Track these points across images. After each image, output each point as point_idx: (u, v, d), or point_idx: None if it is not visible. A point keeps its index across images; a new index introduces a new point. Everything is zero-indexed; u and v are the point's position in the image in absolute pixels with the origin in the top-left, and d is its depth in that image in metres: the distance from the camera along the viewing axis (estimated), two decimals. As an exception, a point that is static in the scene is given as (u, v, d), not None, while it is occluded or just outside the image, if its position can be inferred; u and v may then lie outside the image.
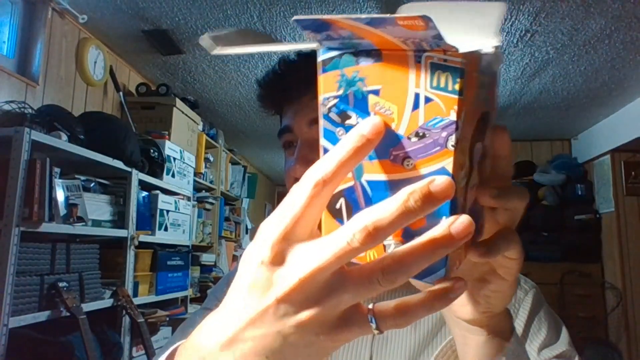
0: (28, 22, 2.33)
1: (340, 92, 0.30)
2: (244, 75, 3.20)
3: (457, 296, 0.29)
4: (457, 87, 0.27)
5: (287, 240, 0.28)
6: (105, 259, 2.14)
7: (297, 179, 0.66)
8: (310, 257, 0.27)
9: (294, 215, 0.28)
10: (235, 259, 4.37)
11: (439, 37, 0.25)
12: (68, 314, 1.77)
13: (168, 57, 2.93)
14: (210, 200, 3.79)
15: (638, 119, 3.62)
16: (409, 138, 0.28)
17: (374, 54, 0.29)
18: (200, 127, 3.52)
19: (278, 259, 0.28)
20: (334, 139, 0.30)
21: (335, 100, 0.30)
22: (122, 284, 2.25)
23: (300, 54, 0.69)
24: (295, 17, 0.27)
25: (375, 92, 0.29)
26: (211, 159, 3.91)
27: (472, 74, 0.28)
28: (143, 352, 2.26)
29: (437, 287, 0.29)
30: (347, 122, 0.30)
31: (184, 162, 2.95)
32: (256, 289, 0.29)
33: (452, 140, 0.27)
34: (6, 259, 1.59)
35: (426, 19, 0.24)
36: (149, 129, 2.83)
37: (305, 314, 0.28)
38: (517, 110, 3.90)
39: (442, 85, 0.27)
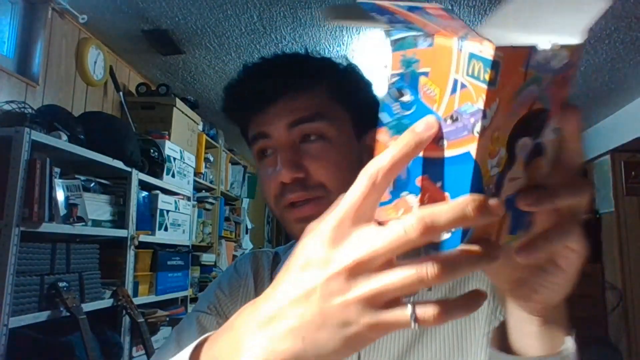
0: (28, 22, 2.32)
1: (401, 70, 0.32)
2: (244, 75, 3.20)
3: (482, 303, 0.31)
4: (486, 77, 0.28)
5: (346, 225, 0.31)
6: (105, 259, 2.14)
7: (282, 185, 0.66)
8: (368, 242, 0.29)
9: (353, 203, 0.30)
10: (236, 258, 4.36)
11: (467, 27, 0.28)
12: (68, 314, 1.77)
13: (168, 57, 2.93)
14: (210, 200, 3.79)
15: (638, 119, 3.62)
16: (445, 120, 0.30)
17: (429, 38, 0.31)
18: (200, 127, 3.52)
19: (337, 241, 0.30)
20: (390, 112, 0.33)
21: (397, 78, 0.33)
22: (122, 284, 2.25)
23: (264, 59, 0.69)
24: (359, 0, 0.30)
25: (426, 74, 0.31)
26: (211, 159, 3.91)
27: (514, 68, 0.29)
28: (143, 352, 2.26)
29: (470, 292, 0.31)
30: (402, 98, 0.32)
31: (184, 162, 2.95)
32: (310, 267, 0.31)
33: (477, 127, 0.29)
34: (6, 259, 1.59)
35: (447, 11, 0.26)
36: (149, 129, 2.83)
37: (352, 295, 0.29)
38: (517, 110, 3.90)
39: (476, 74, 0.29)
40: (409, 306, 0.30)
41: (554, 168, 0.34)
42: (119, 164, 2.22)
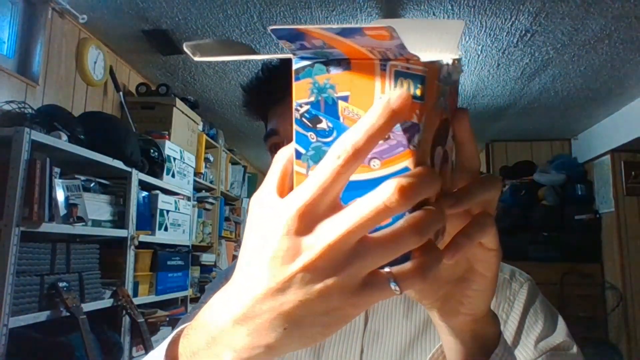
0: (28, 22, 2.33)
1: (312, 98, 0.31)
2: (244, 75, 3.20)
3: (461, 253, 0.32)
4: (418, 92, 0.29)
5: (314, 211, 0.29)
6: (105, 259, 2.14)
7: None
8: (337, 226, 0.28)
9: (321, 187, 0.28)
10: (235, 258, 4.36)
11: (402, 46, 0.27)
12: (68, 314, 1.77)
13: (168, 57, 2.93)
14: (210, 200, 3.79)
15: (638, 119, 3.62)
16: None
17: (344, 62, 0.30)
18: (200, 127, 3.52)
19: (305, 229, 0.29)
20: (306, 143, 0.32)
21: (307, 107, 0.32)
22: (122, 284, 2.25)
23: (282, 59, 0.70)
24: (270, 27, 0.29)
25: (345, 99, 0.30)
26: (211, 159, 3.91)
27: (432, 82, 0.29)
28: (143, 352, 2.26)
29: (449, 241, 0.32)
30: (319, 126, 0.32)
31: (184, 162, 2.95)
32: (279, 259, 0.29)
33: (414, 140, 0.29)
34: (6, 259, 1.59)
35: (390, 30, 0.26)
36: (149, 129, 2.83)
37: (330, 281, 0.28)
38: (517, 110, 3.90)
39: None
40: (387, 275, 0.29)
41: (459, 171, 0.35)
42: (119, 164, 2.22)
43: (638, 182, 4.01)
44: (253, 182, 5.09)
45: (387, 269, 0.29)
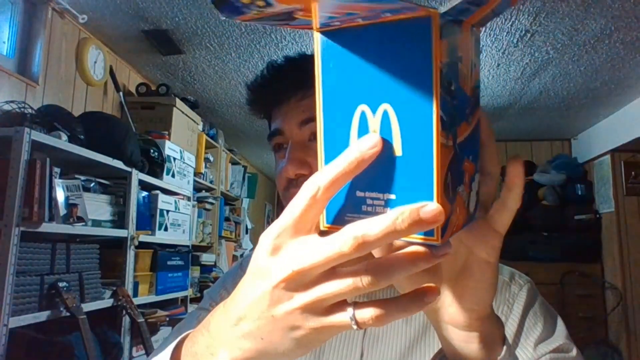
0: (28, 22, 2.33)
1: (448, 59, 0.31)
2: (244, 75, 3.20)
3: (432, 300, 0.31)
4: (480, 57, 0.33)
5: (286, 236, 0.32)
6: (105, 259, 2.14)
7: (289, 179, 0.68)
8: (305, 254, 0.31)
9: (293, 216, 0.32)
10: (235, 258, 4.37)
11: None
12: (68, 314, 1.77)
13: (168, 57, 2.93)
14: (210, 200, 3.79)
15: (638, 119, 3.62)
16: (469, 96, 0.33)
17: (459, 24, 0.31)
18: (200, 127, 3.52)
19: (276, 251, 0.32)
20: (446, 108, 0.30)
21: (446, 69, 0.31)
22: (122, 284, 2.25)
23: (287, 58, 0.70)
24: None
25: (461, 61, 0.32)
26: (211, 159, 3.91)
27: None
28: (143, 352, 2.26)
29: (412, 290, 0.32)
30: (451, 89, 0.31)
31: (184, 162, 2.95)
32: (257, 275, 0.33)
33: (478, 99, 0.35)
34: (6, 259, 1.59)
35: None
36: (149, 129, 2.83)
37: (295, 302, 0.32)
38: (517, 110, 3.90)
39: (479, 54, 0.33)
40: (350, 309, 0.31)
41: (481, 175, 0.38)
42: (119, 164, 2.22)
43: (638, 182, 4.01)
44: (253, 182, 5.09)
45: (352, 305, 0.32)
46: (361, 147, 0.30)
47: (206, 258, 3.68)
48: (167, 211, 2.71)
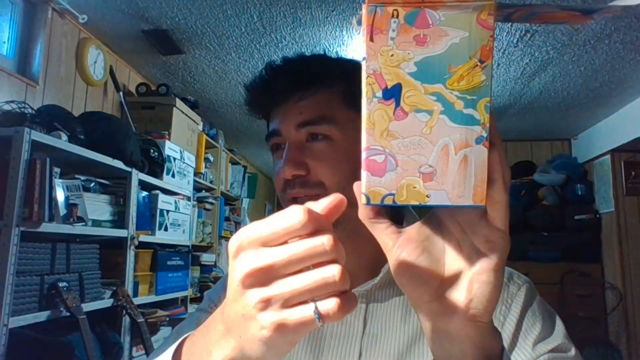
0: (28, 22, 2.33)
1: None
2: (244, 75, 3.20)
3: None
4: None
5: (249, 243, 0.35)
6: (105, 259, 2.14)
7: (286, 180, 0.69)
8: (264, 250, 0.34)
9: (263, 232, 0.35)
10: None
11: None
12: (68, 314, 1.77)
13: (168, 57, 2.93)
14: (210, 200, 3.79)
15: (638, 119, 3.62)
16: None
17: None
18: (200, 127, 3.52)
19: (238, 253, 0.36)
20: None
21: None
22: (122, 284, 2.25)
23: (285, 59, 0.71)
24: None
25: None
26: (211, 159, 3.91)
27: None
28: (143, 352, 2.26)
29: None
30: None
31: (184, 162, 2.95)
32: (230, 276, 0.37)
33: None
34: (6, 259, 1.59)
35: None
36: (149, 129, 2.83)
37: (255, 297, 0.34)
38: (517, 110, 3.90)
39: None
40: (312, 303, 0.33)
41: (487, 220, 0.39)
42: (119, 164, 2.22)
43: (638, 182, 4.01)
44: (253, 182, 5.09)
45: (313, 303, 0.33)
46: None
47: (206, 258, 3.68)
48: (167, 211, 2.71)
